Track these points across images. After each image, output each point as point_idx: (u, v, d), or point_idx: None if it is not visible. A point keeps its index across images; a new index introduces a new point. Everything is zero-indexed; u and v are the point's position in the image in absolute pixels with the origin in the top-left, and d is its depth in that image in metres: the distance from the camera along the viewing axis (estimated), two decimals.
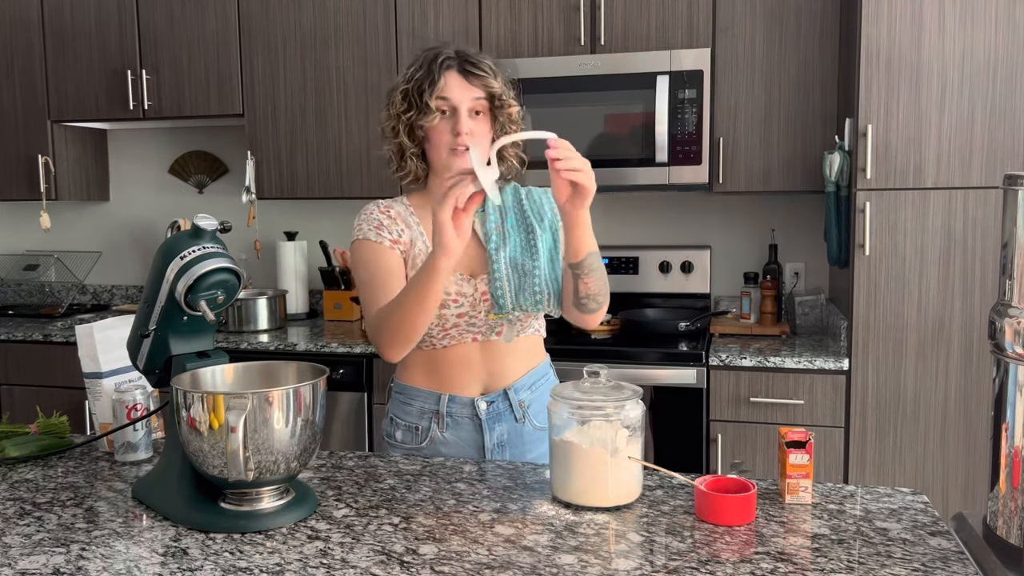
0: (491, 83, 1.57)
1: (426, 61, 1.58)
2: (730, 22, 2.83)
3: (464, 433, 1.67)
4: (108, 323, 1.66)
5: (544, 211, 1.69)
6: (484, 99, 1.58)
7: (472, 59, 1.58)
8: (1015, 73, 2.39)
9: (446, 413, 1.67)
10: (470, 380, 1.67)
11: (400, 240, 1.64)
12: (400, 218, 1.66)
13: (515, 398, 1.68)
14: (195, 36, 3.30)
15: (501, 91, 1.58)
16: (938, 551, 1.15)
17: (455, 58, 1.57)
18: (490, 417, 1.67)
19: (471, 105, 1.57)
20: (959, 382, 2.49)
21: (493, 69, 1.59)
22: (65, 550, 1.18)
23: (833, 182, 2.61)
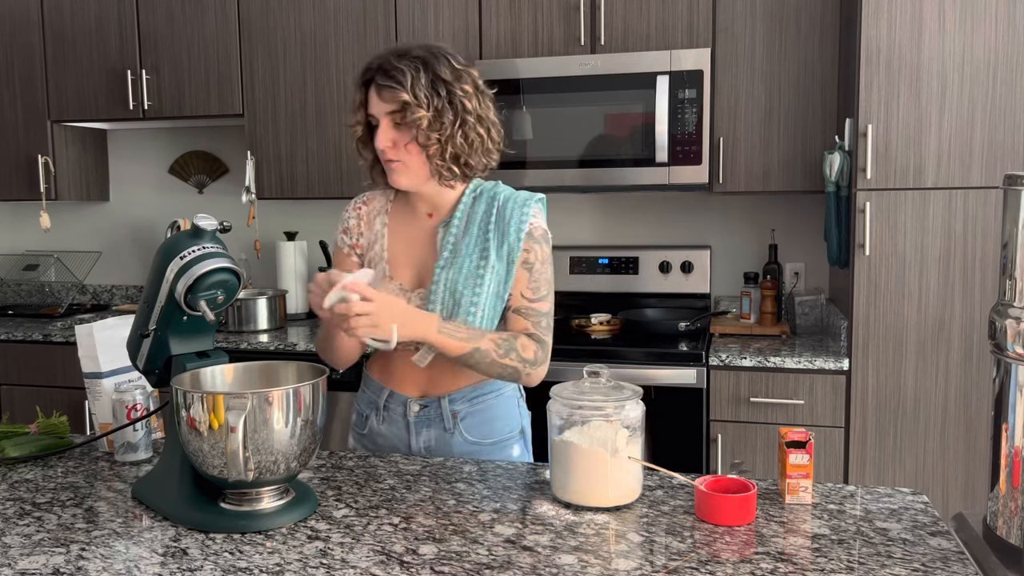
0: (399, 95, 1.48)
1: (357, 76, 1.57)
2: (730, 22, 2.83)
3: (396, 430, 1.68)
4: (108, 323, 1.66)
5: (508, 233, 1.57)
6: (398, 111, 1.50)
7: (389, 66, 1.50)
8: (1015, 73, 2.39)
9: (383, 407, 1.68)
10: (411, 381, 1.66)
11: (358, 244, 1.68)
12: (368, 217, 1.68)
13: (447, 407, 1.63)
14: (195, 36, 3.30)
15: (408, 100, 1.48)
16: (938, 551, 1.15)
17: (376, 71, 1.52)
18: (419, 421, 1.65)
19: (389, 118, 1.52)
20: (959, 382, 2.49)
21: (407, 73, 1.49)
22: (65, 550, 1.18)
23: (833, 182, 2.61)
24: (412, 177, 1.56)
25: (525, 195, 1.62)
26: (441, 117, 1.50)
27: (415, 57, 1.51)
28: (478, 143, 1.55)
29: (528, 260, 1.58)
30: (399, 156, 1.53)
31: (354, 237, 1.68)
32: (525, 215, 1.58)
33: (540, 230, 1.60)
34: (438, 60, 1.52)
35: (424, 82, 1.49)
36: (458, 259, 1.57)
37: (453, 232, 1.59)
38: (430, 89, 1.50)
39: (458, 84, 1.52)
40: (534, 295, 1.58)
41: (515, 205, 1.59)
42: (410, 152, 1.53)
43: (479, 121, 1.55)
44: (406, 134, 1.52)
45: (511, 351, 1.53)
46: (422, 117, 1.49)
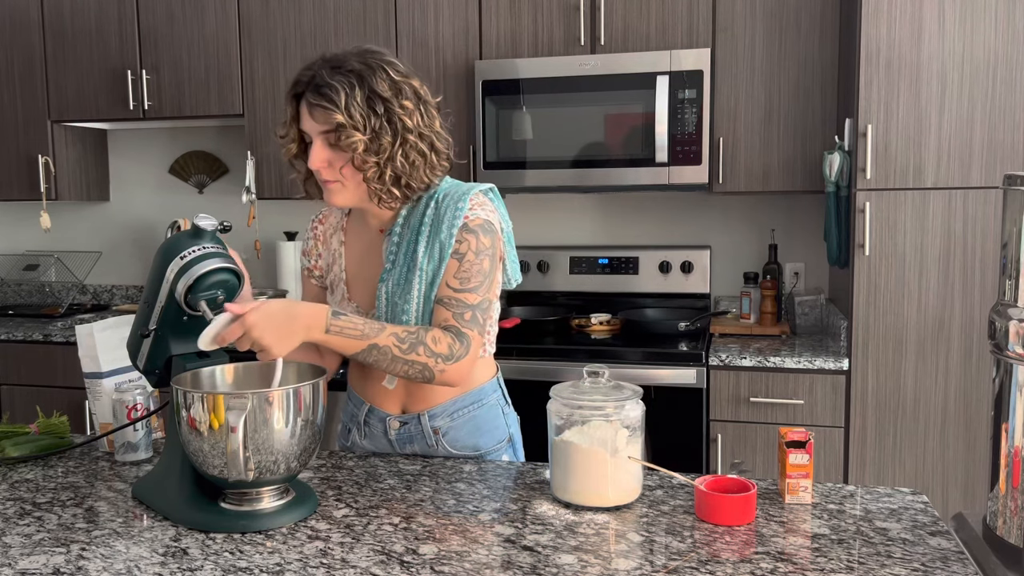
0: (332, 116, 1.37)
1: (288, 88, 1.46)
2: (730, 22, 2.83)
3: (379, 445, 1.64)
4: (108, 323, 1.66)
5: (440, 231, 1.46)
6: (331, 131, 1.39)
7: (321, 83, 1.38)
8: (1015, 73, 2.39)
9: (364, 422, 1.64)
10: (389, 396, 1.60)
11: (317, 266, 1.65)
12: (324, 236, 1.63)
13: (428, 424, 1.58)
14: (195, 36, 3.30)
15: (343, 121, 1.36)
16: (938, 551, 1.15)
17: (307, 85, 1.41)
18: (400, 438, 1.61)
19: (323, 137, 1.41)
20: (959, 382, 2.49)
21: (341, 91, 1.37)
22: (65, 550, 1.18)
23: (833, 182, 2.61)
24: (350, 196, 1.46)
25: (465, 188, 1.50)
26: (379, 139, 1.39)
27: (350, 71, 1.39)
28: (420, 162, 1.44)
29: (459, 251, 1.46)
30: (334, 176, 1.43)
31: (312, 259, 1.64)
32: (460, 209, 1.46)
33: (478, 220, 1.47)
34: (375, 73, 1.39)
35: (360, 100, 1.37)
36: (395, 269, 1.49)
37: (395, 241, 1.51)
38: (366, 108, 1.38)
39: (397, 100, 1.40)
40: (461, 285, 1.45)
41: (451, 201, 1.47)
42: (347, 171, 1.42)
43: (420, 138, 1.43)
44: (341, 155, 1.41)
45: (418, 345, 1.39)
46: (358, 141, 1.37)
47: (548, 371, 2.71)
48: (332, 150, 1.42)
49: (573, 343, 2.85)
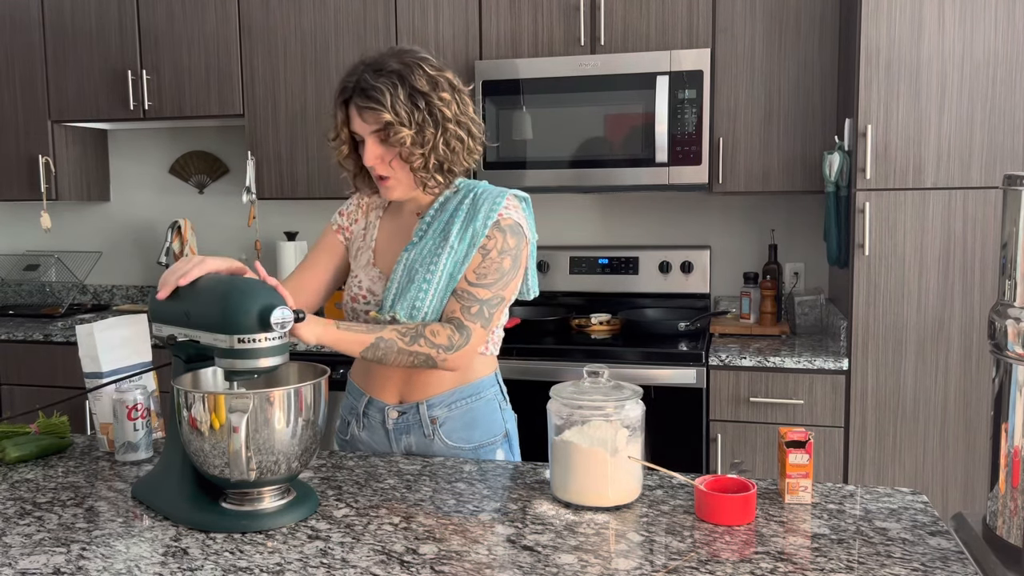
0: (380, 116, 1.48)
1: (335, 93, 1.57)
2: (730, 22, 2.83)
3: (377, 437, 1.67)
4: (108, 323, 1.66)
5: (476, 219, 1.55)
6: (381, 130, 1.51)
7: (367, 84, 1.49)
8: (1015, 73, 2.39)
9: (363, 414, 1.68)
10: (388, 385, 1.65)
11: (349, 228, 1.72)
12: (366, 209, 1.72)
13: (426, 413, 1.62)
14: (195, 36, 3.30)
15: (390, 119, 1.48)
16: (938, 551, 1.15)
17: (353, 89, 1.52)
18: (397, 428, 1.65)
19: (375, 136, 1.52)
20: (959, 382, 2.49)
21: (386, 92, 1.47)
22: (65, 550, 1.18)
23: (833, 182, 2.61)
24: (404, 189, 1.58)
25: (503, 189, 1.61)
26: (423, 131, 1.50)
27: (391, 72, 1.49)
28: (460, 147, 1.56)
29: (486, 246, 1.55)
30: (387, 171, 1.55)
31: (348, 220, 1.73)
32: (497, 204, 1.56)
33: (510, 221, 1.56)
34: (413, 71, 1.50)
35: (403, 98, 1.48)
36: (421, 243, 1.58)
37: (427, 220, 1.60)
38: (409, 105, 1.49)
39: (436, 93, 1.51)
40: (477, 280, 1.54)
41: (489, 196, 1.58)
42: (398, 165, 1.54)
43: (459, 126, 1.55)
44: (391, 150, 1.53)
45: (419, 337, 1.48)
46: (405, 136, 1.49)
47: (548, 371, 2.71)
48: (383, 146, 1.53)
49: (573, 343, 2.85)
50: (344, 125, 1.57)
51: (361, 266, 1.66)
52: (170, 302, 1.33)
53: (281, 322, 1.24)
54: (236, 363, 1.25)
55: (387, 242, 1.66)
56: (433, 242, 1.56)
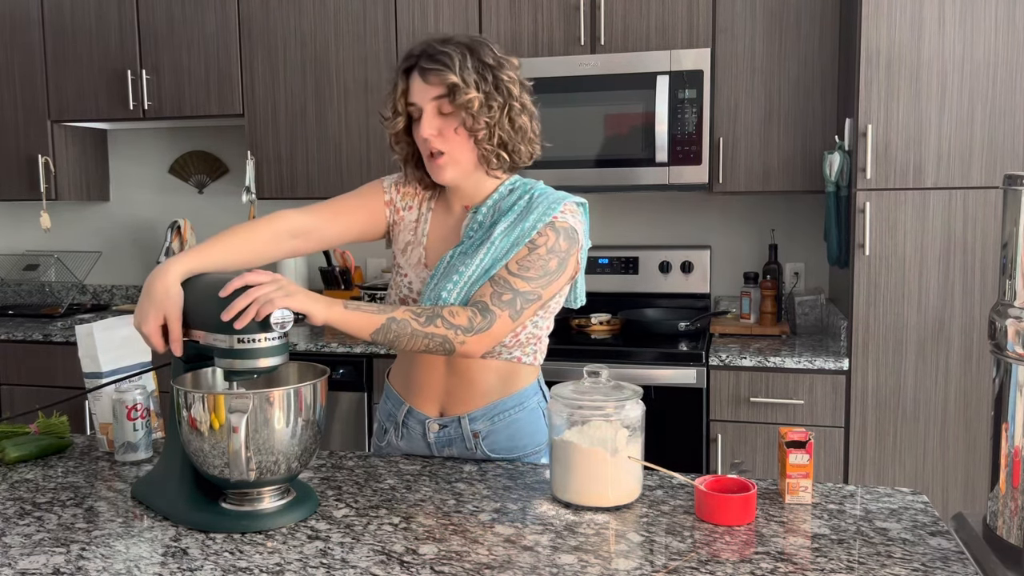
0: (447, 76, 1.43)
1: (397, 65, 1.52)
2: (730, 22, 2.83)
3: (416, 447, 1.63)
4: (108, 323, 1.66)
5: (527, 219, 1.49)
6: (445, 96, 1.44)
7: (433, 51, 1.45)
8: (1015, 73, 2.39)
9: (402, 423, 1.64)
10: (431, 397, 1.60)
11: (399, 209, 1.60)
12: (421, 198, 1.61)
13: (468, 427, 1.58)
14: (195, 36, 3.30)
15: (457, 81, 1.42)
16: (938, 551, 1.15)
17: (418, 56, 1.47)
18: (439, 441, 1.60)
19: (434, 105, 1.45)
20: (959, 382, 2.49)
21: (454, 56, 1.44)
22: (65, 550, 1.18)
23: (833, 182, 2.61)
24: (458, 169, 1.49)
25: (562, 194, 1.54)
26: (489, 100, 1.45)
27: (458, 43, 1.47)
28: (526, 128, 1.51)
29: (535, 241, 1.47)
30: (444, 146, 1.47)
31: (403, 203, 1.61)
32: (553, 208, 1.49)
33: (566, 224, 1.49)
34: (481, 47, 1.48)
35: (471, 66, 1.44)
36: (467, 242, 1.52)
37: (478, 220, 1.53)
38: (477, 74, 1.44)
39: (502, 70, 1.47)
40: (518, 270, 1.45)
41: (546, 199, 1.51)
42: (456, 140, 1.47)
43: (523, 108, 1.50)
44: (452, 121, 1.46)
45: (436, 318, 1.38)
46: (472, 99, 1.43)
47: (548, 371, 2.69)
48: (442, 118, 1.46)
49: (573, 343, 2.85)
50: (403, 96, 1.49)
51: (411, 264, 1.58)
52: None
53: (281, 322, 1.24)
54: (236, 363, 1.24)
55: (439, 241, 1.58)
56: (476, 241, 1.51)
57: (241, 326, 1.22)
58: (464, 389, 1.57)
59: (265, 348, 1.24)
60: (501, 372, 1.58)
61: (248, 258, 1.46)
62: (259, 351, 1.24)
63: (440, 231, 1.58)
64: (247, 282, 1.25)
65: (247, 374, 1.26)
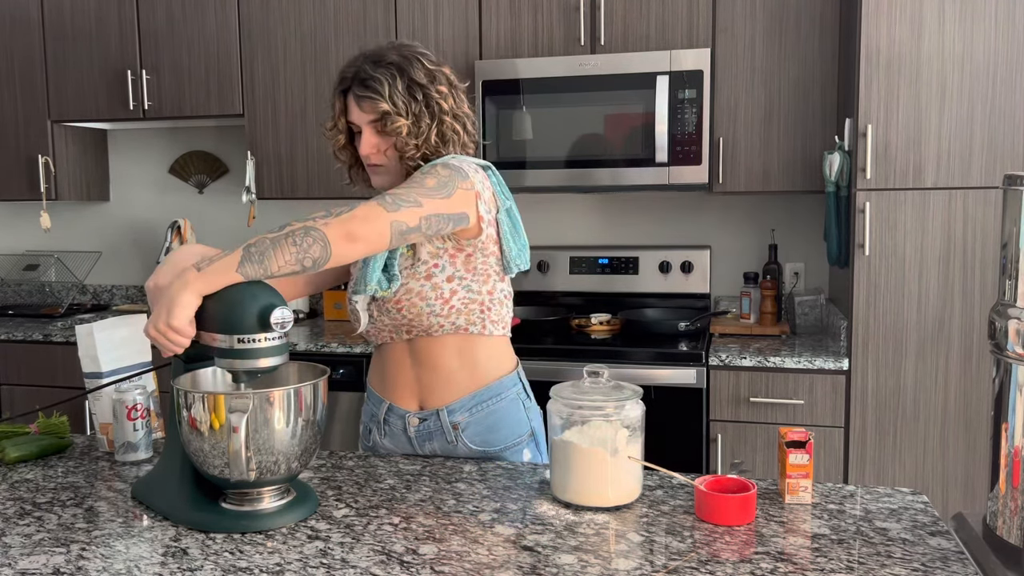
0: (379, 105, 1.50)
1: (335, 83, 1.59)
2: (730, 22, 2.83)
3: (399, 443, 1.66)
4: (108, 323, 1.66)
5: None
6: (378, 120, 1.53)
7: (365, 76, 1.52)
8: (1015, 73, 2.39)
9: (384, 421, 1.67)
10: (407, 393, 1.64)
11: None
12: None
13: (447, 419, 1.61)
14: (195, 36, 3.30)
15: (388, 109, 1.50)
16: (938, 551, 1.15)
17: (352, 79, 1.55)
18: (420, 435, 1.63)
19: (371, 127, 1.55)
20: (959, 382, 2.49)
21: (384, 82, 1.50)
22: (65, 550, 1.18)
23: (833, 182, 2.61)
24: (392, 178, 1.60)
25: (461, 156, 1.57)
26: (419, 122, 1.53)
27: (390, 63, 1.52)
28: (454, 140, 1.58)
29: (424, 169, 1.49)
30: (382, 160, 1.57)
31: None
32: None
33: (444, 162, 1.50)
34: (412, 64, 1.53)
35: (401, 89, 1.51)
36: None
37: None
38: (407, 96, 1.51)
39: (433, 86, 1.54)
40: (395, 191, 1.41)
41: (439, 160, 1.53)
42: (391, 155, 1.57)
43: (455, 119, 1.57)
44: (387, 139, 1.55)
45: (286, 225, 1.29)
46: (401, 126, 1.51)
47: (548, 371, 2.71)
48: (379, 136, 1.55)
49: (573, 343, 2.85)
50: (341, 115, 1.59)
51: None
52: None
53: (281, 322, 1.24)
54: (236, 363, 1.24)
55: None
56: None
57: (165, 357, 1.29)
58: (440, 383, 1.60)
59: (265, 348, 1.24)
60: (460, 349, 1.59)
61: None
62: (259, 351, 1.24)
63: None
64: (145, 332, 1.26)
65: (247, 374, 1.26)
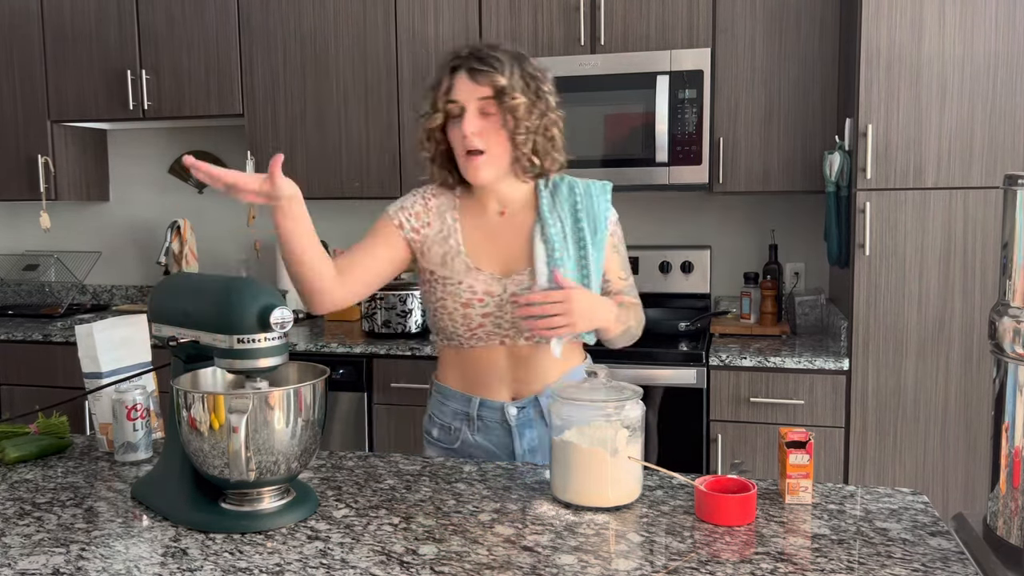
0: (497, 79, 1.49)
1: (442, 64, 1.57)
2: (730, 22, 2.83)
3: (495, 438, 1.66)
4: (108, 323, 1.66)
5: (599, 221, 1.63)
6: (491, 97, 1.50)
7: (482, 54, 1.52)
8: (1015, 73, 2.39)
9: (476, 417, 1.66)
10: (499, 384, 1.65)
11: (417, 228, 1.63)
12: (438, 210, 1.64)
13: (545, 404, 1.62)
14: (195, 36, 3.30)
15: (507, 84, 1.49)
16: (938, 551, 1.15)
17: (466, 58, 1.53)
18: (520, 423, 1.64)
19: (478, 104, 1.51)
20: (959, 382, 2.48)
21: (504, 62, 1.51)
22: (65, 550, 1.18)
23: (833, 182, 2.61)
24: (492, 170, 1.55)
25: (600, 182, 1.68)
26: (533, 107, 1.52)
27: (505, 51, 1.55)
28: (558, 140, 1.58)
29: (615, 244, 1.68)
30: (484, 145, 1.52)
31: (419, 223, 1.63)
32: (608, 203, 1.66)
33: (615, 214, 1.69)
34: (524, 59, 1.56)
35: (519, 72, 1.52)
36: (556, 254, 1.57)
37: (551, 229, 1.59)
38: (524, 80, 1.52)
39: (542, 83, 1.56)
40: (626, 275, 1.70)
41: (597, 192, 1.65)
42: (496, 141, 1.53)
43: (556, 121, 1.58)
44: (494, 122, 1.52)
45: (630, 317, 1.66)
46: (519, 103, 1.50)
47: None
48: (484, 118, 1.52)
49: None
50: (445, 94, 1.54)
51: (459, 271, 1.60)
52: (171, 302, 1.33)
53: (281, 322, 1.24)
54: (235, 363, 1.24)
55: (484, 245, 1.62)
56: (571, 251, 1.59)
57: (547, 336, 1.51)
58: (531, 371, 1.64)
59: (265, 348, 1.24)
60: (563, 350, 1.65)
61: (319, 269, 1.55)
62: (259, 351, 1.24)
63: (479, 237, 1.62)
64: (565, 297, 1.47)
65: (246, 374, 1.26)
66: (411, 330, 3.00)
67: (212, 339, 1.25)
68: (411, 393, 2.87)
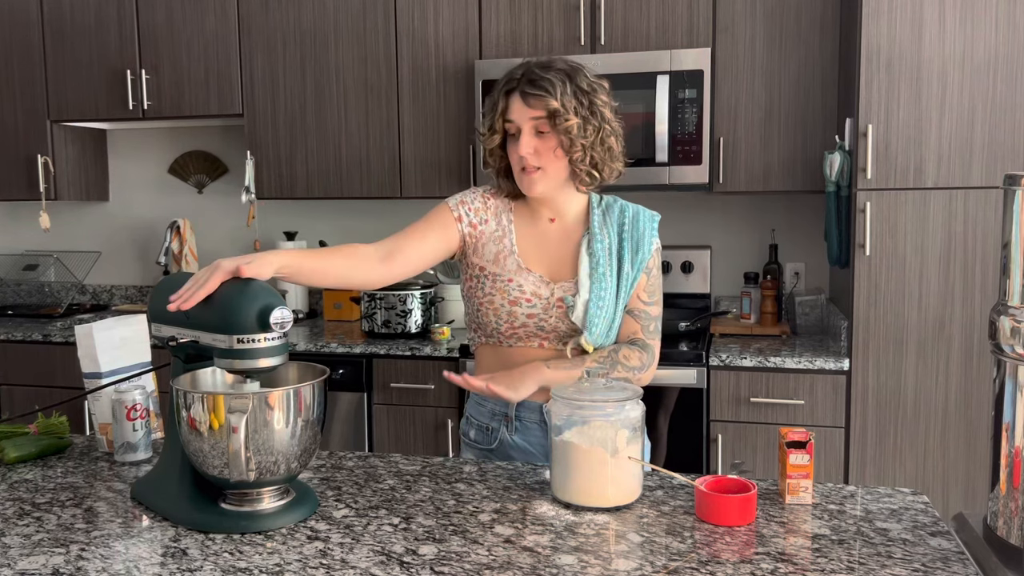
0: (549, 102, 1.54)
1: (499, 85, 1.62)
2: (730, 22, 2.83)
3: (533, 438, 1.67)
4: (107, 323, 1.66)
5: (642, 245, 1.66)
6: (544, 118, 1.55)
7: (535, 76, 1.57)
8: (1015, 73, 2.39)
9: (515, 417, 1.67)
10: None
11: (475, 224, 1.67)
12: (495, 210, 1.69)
13: None
14: (195, 36, 3.30)
15: (559, 107, 1.54)
16: (938, 551, 1.15)
17: (520, 79, 1.58)
18: None
19: (532, 124, 1.56)
20: (959, 382, 2.48)
21: (556, 83, 1.55)
22: (64, 550, 1.18)
23: (833, 182, 2.61)
24: (547, 184, 1.60)
25: (649, 211, 1.72)
26: (586, 125, 1.57)
27: (559, 70, 1.58)
28: (615, 150, 1.62)
29: (648, 267, 1.67)
30: (539, 162, 1.58)
31: (477, 218, 1.67)
32: (654, 231, 1.69)
33: (658, 243, 1.71)
34: (577, 73, 1.59)
35: (571, 91, 1.56)
36: (599, 269, 1.63)
37: (597, 243, 1.64)
38: (576, 99, 1.56)
39: (596, 95, 1.59)
40: (648, 299, 1.67)
41: (645, 220, 1.69)
42: (551, 158, 1.58)
43: (613, 130, 1.61)
44: (548, 141, 1.57)
45: (616, 365, 1.61)
46: (572, 124, 1.55)
47: None
48: (539, 138, 1.57)
49: None
50: (501, 115, 1.60)
51: (511, 270, 1.64)
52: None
53: (280, 322, 1.24)
54: (235, 363, 1.24)
55: (535, 250, 1.67)
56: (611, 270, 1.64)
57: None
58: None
59: (265, 348, 1.24)
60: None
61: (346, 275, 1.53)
62: (259, 351, 1.24)
63: (531, 241, 1.67)
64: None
65: (247, 374, 1.26)
66: (411, 330, 3.00)
67: (212, 339, 1.25)
68: (411, 393, 2.87)
